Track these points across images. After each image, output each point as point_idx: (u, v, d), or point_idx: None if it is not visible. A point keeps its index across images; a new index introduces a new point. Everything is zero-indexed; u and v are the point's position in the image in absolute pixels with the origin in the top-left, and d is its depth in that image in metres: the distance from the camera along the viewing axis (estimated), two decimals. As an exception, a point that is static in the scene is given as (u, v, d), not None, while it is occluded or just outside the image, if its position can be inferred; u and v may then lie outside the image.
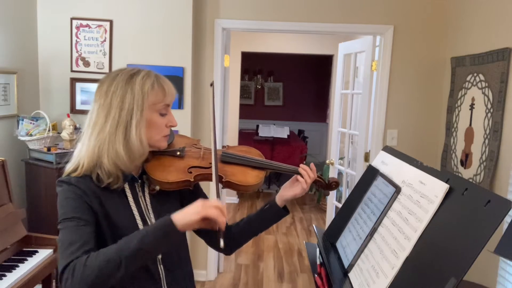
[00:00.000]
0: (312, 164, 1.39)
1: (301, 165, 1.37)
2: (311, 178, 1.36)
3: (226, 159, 1.34)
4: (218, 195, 1.18)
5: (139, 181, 1.25)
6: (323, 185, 1.44)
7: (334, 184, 1.45)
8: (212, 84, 1.48)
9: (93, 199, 1.14)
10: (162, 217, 1.09)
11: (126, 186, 1.22)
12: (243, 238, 1.42)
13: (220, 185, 1.31)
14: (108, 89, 1.17)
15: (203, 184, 1.37)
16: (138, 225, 1.19)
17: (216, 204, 1.07)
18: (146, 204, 1.25)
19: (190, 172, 1.26)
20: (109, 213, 1.15)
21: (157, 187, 1.24)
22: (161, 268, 1.23)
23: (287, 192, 1.38)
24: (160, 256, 1.23)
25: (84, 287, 0.99)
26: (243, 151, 1.40)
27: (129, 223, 1.18)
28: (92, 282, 0.99)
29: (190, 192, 1.34)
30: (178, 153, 1.29)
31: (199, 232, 1.41)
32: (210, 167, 1.28)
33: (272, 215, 1.40)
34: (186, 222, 1.05)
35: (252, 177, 1.32)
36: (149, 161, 1.25)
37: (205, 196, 1.39)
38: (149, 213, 1.24)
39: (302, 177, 1.35)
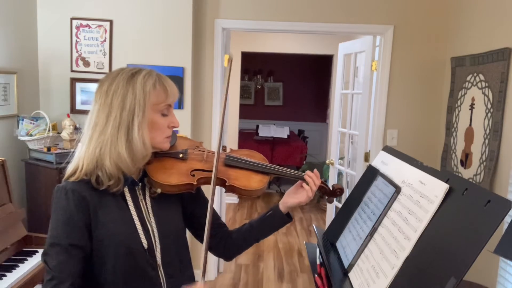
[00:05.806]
0: (315, 170, 1.35)
1: (307, 172, 1.33)
2: (316, 185, 1.32)
3: (230, 162, 1.29)
4: (212, 194, 1.17)
5: (140, 184, 1.22)
6: (327, 192, 1.41)
7: (339, 191, 1.41)
8: (230, 60, 1.32)
9: (86, 208, 1.11)
10: (162, 221, 1.08)
11: (126, 190, 1.18)
12: (244, 244, 1.39)
13: (223, 189, 1.28)
14: (108, 88, 1.14)
15: (204, 188, 1.34)
16: (138, 229, 1.16)
17: None
18: (147, 208, 1.21)
19: (193, 175, 1.23)
20: (105, 219, 1.12)
21: (159, 190, 1.20)
22: (161, 273, 1.19)
23: (291, 199, 1.33)
24: (160, 262, 1.20)
25: None
26: (246, 154, 1.35)
27: (128, 227, 1.15)
28: None
29: (191, 196, 1.30)
30: (181, 155, 1.25)
31: (198, 236, 1.39)
32: None
33: (275, 222, 1.36)
34: None
35: (256, 182, 1.28)
36: (150, 163, 1.21)
37: (206, 200, 1.36)
38: (149, 216, 1.20)
39: (307, 184, 1.30)
